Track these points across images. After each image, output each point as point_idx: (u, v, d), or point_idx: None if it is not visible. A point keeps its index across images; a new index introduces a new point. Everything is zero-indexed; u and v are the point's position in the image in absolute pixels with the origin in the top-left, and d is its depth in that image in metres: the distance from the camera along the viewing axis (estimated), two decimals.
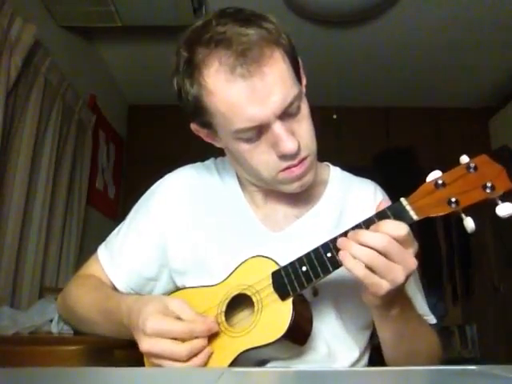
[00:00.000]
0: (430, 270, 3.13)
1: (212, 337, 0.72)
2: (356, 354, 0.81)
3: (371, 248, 0.63)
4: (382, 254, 0.63)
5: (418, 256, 0.71)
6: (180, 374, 0.59)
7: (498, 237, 3.13)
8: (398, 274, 0.63)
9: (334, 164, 0.96)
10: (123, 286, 0.88)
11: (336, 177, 0.91)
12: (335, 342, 0.79)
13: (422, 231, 3.33)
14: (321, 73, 3.02)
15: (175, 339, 0.67)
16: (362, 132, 3.48)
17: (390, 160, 3.29)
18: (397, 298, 0.69)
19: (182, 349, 0.67)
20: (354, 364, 0.80)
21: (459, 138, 3.23)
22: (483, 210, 0.65)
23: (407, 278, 0.64)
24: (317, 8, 2.41)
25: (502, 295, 3.09)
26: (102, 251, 0.92)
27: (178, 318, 0.69)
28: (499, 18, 2.56)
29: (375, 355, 0.86)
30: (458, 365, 0.53)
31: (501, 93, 3.33)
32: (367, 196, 0.88)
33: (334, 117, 3.10)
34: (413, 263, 0.64)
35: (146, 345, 0.68)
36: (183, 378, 0.52)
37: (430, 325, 0.87)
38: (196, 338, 0.69)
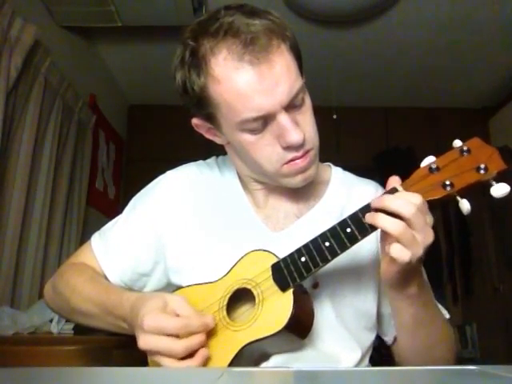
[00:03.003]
0: (430, 270, 3.12)
1: (214, 332, 0.73)
2: (358, 354, 0.80)
3: (399, 217, 0.62)
4: (408, 224, 0.62)
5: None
6: (180, 374, 0.59)
7: (498, 237, 3.13)
8: (419, 246, 0.63)
9: (335, 164, 0.96)
10: (116, 280, 0.88)
11: (337, 177, 0.91)
12: (336, 340, 0.79)
13: None
14: (321, 73, 3.02)
15: (173, 336, 0.67)
16: (361, 132, 3.48)
17: (390, 159, 3.29)
18: (413, 275, 0.69)
19: (178, 345, 0.67)
20: (355, 365, 0.80)
21: (459, 138, 3.23)
22: (483, 210, 0.66)
23: (425, 251, 0.64)
24: (317, 8, 2.42)
25: (501, 295, 3.09)
26: (97, 242, 0.91)
27: (177, 315, 0.70)
28: (499, 18, 2.56)
29: (375, 355, 0.86)
30: (458, 365, 0.53)
31: (501, 93, 3.33)
32: (369, 196, 0.88)
33: (334, 117, 3.09)
34: (431, 235, 0.64)
35: (143, 341, 0.68)
36: (183, 378, 0.52)
37: None
38: (193, 334, 0.68)
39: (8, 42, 1.77)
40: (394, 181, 0.68)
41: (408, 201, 0.63)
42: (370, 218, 0.65)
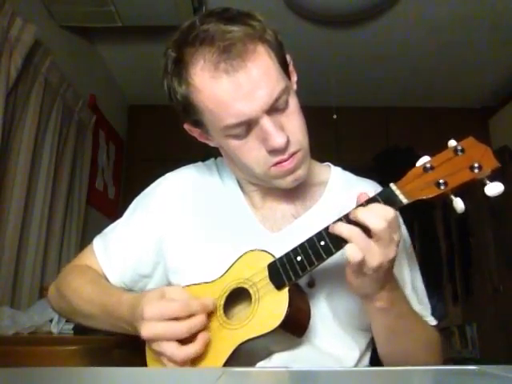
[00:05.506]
0: (429, 270, 3.13)
1: (211, 331, 0.73)
2: (357, 353, 0.81)
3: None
4: (374, 237, 0.63)
5: (417, 256, 0.71)
6: (180, 374, 0.59)
7: (498, 237, 3.13)
8: (376, 256, 0.63)
9: (335, 164, 0.96)
10: (117, 281, 0.88)
11: (336, 177, 0.91)
12: (334, 339, 0.79)
13: (422, 231, 3.34)
14: (321, 73, 3.02)
15: (174, 320, 0.68)
16: (361, 132, 3.48)
17: (390, 159, 3.29)
18: (379, 289, 0.68)
19: (180, 326, 0.68)
20: (354, 364, 0.80)
21: (459, 138, 3.22)
22: (483, 210, 0.66)
23: (389, 264, 0.64)
24: (317, 8, 2.41)
25: (501, 295, 3.09)
26: (98, 244, 0.92)
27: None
28: (499, 18, 2.56)
29: (375, 355, 0.86)
30: (457, 365, 0.53)
31: (501, 93, 3.33)
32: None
33: (334, 117, 3.09)
34: (393, 252, 0.64)
35: (145, 330, 0.68)
36: (183, 378, 0.52)
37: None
38: (194, 316, 0.69)
39: (8, 42, 1.77)
40: (363, 197, 0.68)
41: (380, 215, 0.63)
42: (332, 228, 0.66)
